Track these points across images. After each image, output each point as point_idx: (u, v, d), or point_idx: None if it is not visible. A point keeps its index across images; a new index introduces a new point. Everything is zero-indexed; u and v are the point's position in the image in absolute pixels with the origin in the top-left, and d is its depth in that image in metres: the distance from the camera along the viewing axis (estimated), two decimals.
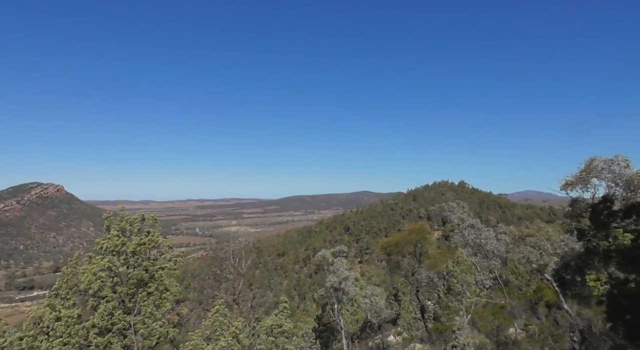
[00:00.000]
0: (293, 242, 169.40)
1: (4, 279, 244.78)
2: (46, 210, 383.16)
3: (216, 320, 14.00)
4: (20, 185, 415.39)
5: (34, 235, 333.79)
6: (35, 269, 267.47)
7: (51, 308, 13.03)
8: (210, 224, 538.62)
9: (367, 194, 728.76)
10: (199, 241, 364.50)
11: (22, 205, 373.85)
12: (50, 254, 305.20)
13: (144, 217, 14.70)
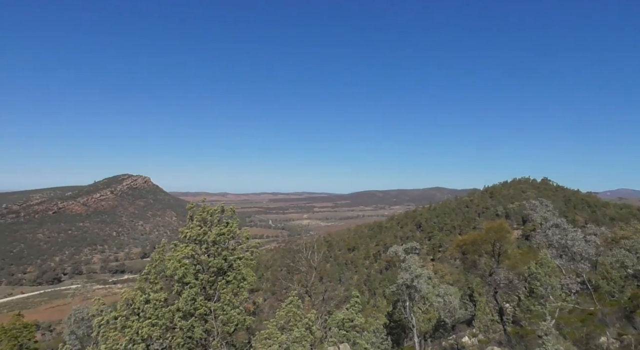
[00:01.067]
0: (363, 237, 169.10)
1: (99, 262, 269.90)
2: (135, 200, 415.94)
3: (290, 310, 14.33)
4: (114, 177, 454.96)
5: (124, 223, 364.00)
6: (125, 255, 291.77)
7: (141, 291, 14.07)
8: (282, 216, 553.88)
9: (439, 190, 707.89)
10: (271, 233, 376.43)
11: (115, 195, 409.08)
12: (138, 241, 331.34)
13: (224, 209, 15.38)
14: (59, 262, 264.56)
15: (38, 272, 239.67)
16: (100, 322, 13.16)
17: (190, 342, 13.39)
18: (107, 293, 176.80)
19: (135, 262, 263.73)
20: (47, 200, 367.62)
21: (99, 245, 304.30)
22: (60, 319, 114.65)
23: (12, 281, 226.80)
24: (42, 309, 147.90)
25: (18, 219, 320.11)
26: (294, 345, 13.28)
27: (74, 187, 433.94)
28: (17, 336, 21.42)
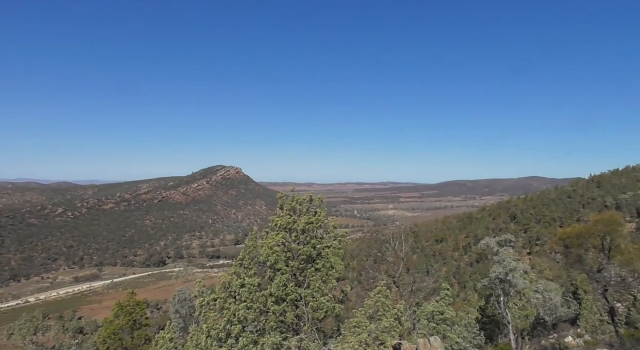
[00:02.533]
0: (452, 229, 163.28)
1: (197, 247, 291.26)
2: (228, 189, 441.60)
3: (378, 300, 14.26)
4: (209, 168, 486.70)
5: (219, 211, 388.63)
6: (220, 241, 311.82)
7: (237, 275, 14.87)
8: (367, 206, 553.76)
9: (536, 179, 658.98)
10: (356, 223, 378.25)
11: (210, 185, 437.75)
12: (231, 228, 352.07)
13: (312, 198, 15.67)
14: (163, 246, 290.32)
15: (146, 255, 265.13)
16: (201, 303, 14.16)
17: (282, 326, 13.93)
18: (205, 276, 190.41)
19: (228, 248, 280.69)
20: (153, 190, 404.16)
21: (197, 231, 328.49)
22: (165, 299, 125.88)
23: (125, 262, 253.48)
24: (150, 288, 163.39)
25: (129, 206, 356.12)
26: (383, 334, 13.21)
27: (175, 178, 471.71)
28: (131, 312, 23.85)
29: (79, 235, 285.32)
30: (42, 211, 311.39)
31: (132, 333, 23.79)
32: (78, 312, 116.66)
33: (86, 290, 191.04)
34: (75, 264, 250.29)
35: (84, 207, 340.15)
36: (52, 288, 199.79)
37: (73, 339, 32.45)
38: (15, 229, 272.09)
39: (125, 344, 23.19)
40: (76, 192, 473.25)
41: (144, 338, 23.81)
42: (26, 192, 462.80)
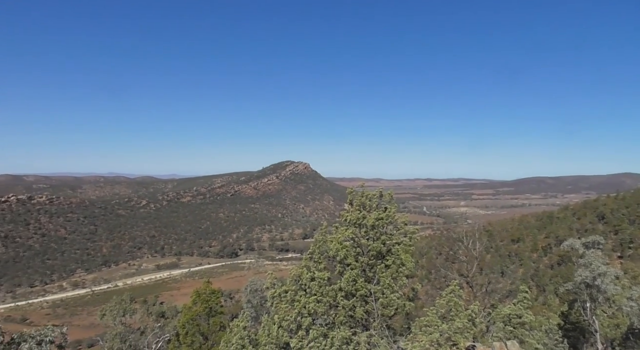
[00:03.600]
0: (530, 228, 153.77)
1: (267, 240, 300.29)
2: (297, 184, 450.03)
3: (451, 300, 13.79)
4: (279, 163, 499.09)
5: (288, 205, 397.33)
6: (289, 235, 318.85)
7: (307, 269, 15.08)
8: (437, 203, 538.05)
9: (630, 176, 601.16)
10: (426, 220, 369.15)
11: (279, 180, 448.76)
12: (300, 223, 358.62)
13: (382, 194, 15.48)
14: (235, 238, 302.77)
15: (220, 246, 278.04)
16: (273, 295, 14.55)
17: (351, 320, 13.92)
18: (275, 269, 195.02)
19: (297, 242, 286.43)
20: (226, 184, 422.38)
21: (267, 225, 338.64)
22: (237, 288, 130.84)
23: (201, 253, 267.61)
24: (224, 278, 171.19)
25: (205, 200, 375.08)
26: (456, 335, 12.75)
27: (247, 173, 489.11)
28: (207, 300, 25.05)
29: (160, 226, 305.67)
30: (129, 203, 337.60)
31: (208, 320, 25.02)
32: (159, 298, 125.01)
33: (166, 277, 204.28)
34: (157, 252, 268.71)
35: (165, 199, 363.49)
36: (137, 274, 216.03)
37: (156, 322, 34.77)
38: (107, 219, 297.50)
39: (202, 330, 24.46)
40: (158, 185, 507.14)
41: (219, 325, 24.94)
42: (115, 185, 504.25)
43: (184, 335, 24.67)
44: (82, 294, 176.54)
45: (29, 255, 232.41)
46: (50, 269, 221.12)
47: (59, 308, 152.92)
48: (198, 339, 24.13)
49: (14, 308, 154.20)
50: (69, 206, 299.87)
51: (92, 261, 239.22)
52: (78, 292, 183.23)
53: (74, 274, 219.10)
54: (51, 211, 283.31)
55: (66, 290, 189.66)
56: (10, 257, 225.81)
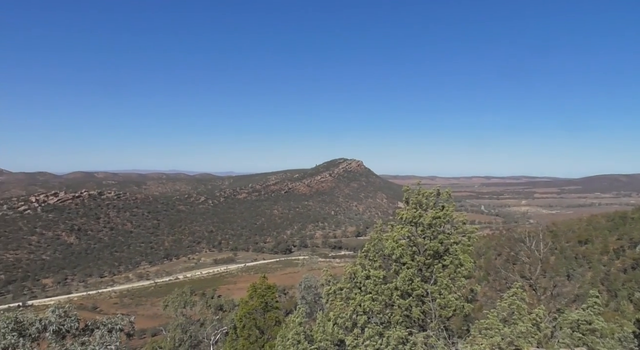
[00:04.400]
0: (600, 229, 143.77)
1: (320, 237, 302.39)
2: (350, 182, 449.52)
3: (513, 303, 13.21)
4: (332, 161, 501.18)
5: (341, 203, 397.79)
6: (342, 232, 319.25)
7: (362, 267, 15.03)
8: (496, 202, 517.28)
9: None
10: (484, 219, 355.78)
11: (332, 177, 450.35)
12: (353, 220, 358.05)
13: (439, 192, 15.09)
14: (289, 235, 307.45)
15: (274, 242, 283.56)
16: (328, 292, 14.63)
17: (407, 320, 13.71)
18: (328, 266, 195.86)
19: (350, 240, 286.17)
20: (280, 182, 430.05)
21: (320, 222, 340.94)
22: (291, 284, 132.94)
23: (256, 248, 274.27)
24: (278, 274, 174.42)
25: (260, 197, 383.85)
26: (519, 340, 12.21)
27: (300, 170, 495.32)
28: (263, 295, 25.61)
29: (218, 222, 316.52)
30: (189, 199, 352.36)
31: (264, 314, 25.59)
32: (217, 291, 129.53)
33: (223, 271, 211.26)
34: (214, 247, 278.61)
35: (222, 196, 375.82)
36: (196, 268, 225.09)
37: (214, 314, 36.08)
38: (168, 214, 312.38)
39: (258, 324, 25.05)
40: (215, 182, 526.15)
41: (275, 320, 25.44)
42: (176, 182, 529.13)
43: (241, 329, 25.39)
44: (146, 286, 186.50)
45: (99, 247, 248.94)
46: (117, 260, 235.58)
47: (125, 298, 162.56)
48: (254, 332, 24.74)
49: (86, 297, 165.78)
50: (135, 201, 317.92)
51: (155, 254, 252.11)
52: (142, 283, 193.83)
53: (138, 266, 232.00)
54: (119, 206, 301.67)
55: (132, 281, 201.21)
56: (83, 248, 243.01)
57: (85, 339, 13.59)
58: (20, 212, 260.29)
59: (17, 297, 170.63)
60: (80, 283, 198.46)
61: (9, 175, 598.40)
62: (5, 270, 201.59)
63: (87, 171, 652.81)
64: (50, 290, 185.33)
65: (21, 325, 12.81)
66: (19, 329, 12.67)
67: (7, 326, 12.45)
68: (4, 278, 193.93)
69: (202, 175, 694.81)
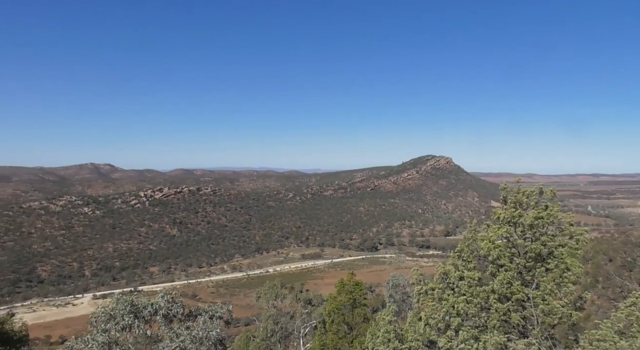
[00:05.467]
0: None
1: (407, 236, 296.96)
2: (438, 179, 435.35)
3: (631, 313, 11.88)
4: (419, 158, 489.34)
5: (428, 201, 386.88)
6: (430, 231, 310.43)
7: (455, 267, 14.48)
8: (606, 202, 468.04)
9: None
10: (591, 221, 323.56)
11: (420, 174, 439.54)
12: (441, 219, 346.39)
13: (542, 191, 14.06)
14: (375, 232, 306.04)
15: (360, 239, 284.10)
16: (419, 291, 14.32)
17: (506, 325, 12.96)
18: (415, 265, 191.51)
19: (438, 239, 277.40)
20: (366, 179, 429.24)
21: (407, 220, 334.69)
22: (378, 282, 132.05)
23: (342, 245, 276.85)
24: (364, 271, 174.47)
25: (345, 194, 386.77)
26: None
27: (386, 168, 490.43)
28: (351, 291, 25.80)
29: (305, 218, 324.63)
30: (277, 195, 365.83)
31: (352, 310, 25.78)
32: (305, 286, 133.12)
33: (311, 267, 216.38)
34: (302, 243, 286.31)
35: (309, 193, 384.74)
36: (285, 262, 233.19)
37: (304, 308, 37.08)
38: (259, 210, 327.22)
39: (347, 320, 25.31)
40: (303, 179, 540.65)
41: (363, 316, 25.51)
42: (266, 179, 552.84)
43: (329, 323, 25.84)
44: (239, 277, 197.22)
45: (197, 239, 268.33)
46: (214, 252, 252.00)
47: (221, 288, 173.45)
48: (343, 328, 25.03)
49: (187, 285, 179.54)
50: (229, 197, 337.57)
51: (247, 247, 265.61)
52: (236, 274, 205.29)
53: (232, 259, 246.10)
54: (214, 201, 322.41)
55: (226, 272, 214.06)
56: (184, 240, 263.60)
57: (190, 324, 14.73)
58: (131, 205, 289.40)
59: (129, 283, 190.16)
60: (182, 272, 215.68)
61: (123, 172, 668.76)
62: (119, 258, 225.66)
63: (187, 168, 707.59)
64: (157, 278, 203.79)
65: (136, 308, 14.27)
66: (134, 311, 14.12)
67: (125, 308, 13.94)
68: (119, 265, 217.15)
69: (290, 172, 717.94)
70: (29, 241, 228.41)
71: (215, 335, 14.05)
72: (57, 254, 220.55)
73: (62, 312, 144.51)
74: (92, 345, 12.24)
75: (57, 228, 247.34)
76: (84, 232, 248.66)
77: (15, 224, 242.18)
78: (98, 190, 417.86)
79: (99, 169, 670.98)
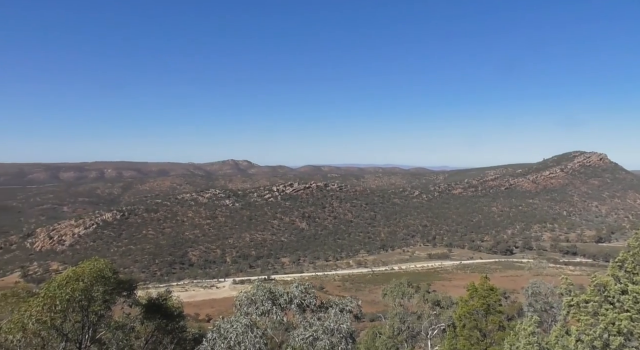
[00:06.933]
0: None
1: (549, 240, 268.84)
2: (588, 179, 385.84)
3: None
4: (564, 154, 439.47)
5: (576, 202, 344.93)
6: (577, 236, 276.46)
7: (615, 279, 12.62)
8: None
9: None
10: None
11: (565, 173, 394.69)
12: (592, 223, 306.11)
13: None
14: (510, 235, 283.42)
15: (493, 242, 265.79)
16: (569, 303, 12.77)
17: None
18: (558, 273, 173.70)
19: (587, 246, 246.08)
20: (500, 177, 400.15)
21: (548, 223, 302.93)
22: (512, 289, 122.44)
23: (472, 247, 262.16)
24: (497, 276, 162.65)
25: (476, 192, 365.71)
26: None
27: (524, 165, 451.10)
28: (485, 296, 24.24)
29: (432, 217, 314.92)
30: (403, 193, 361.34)
31: (486, 316, 24.19)
32: (431, 286, 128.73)
33: (438, 267, 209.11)
34: (428, 242, 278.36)
35: (436, 191, 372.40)
36: (410, 261, 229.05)
37: (431, 309, 35.96)
38: (384, 207, 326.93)
39: (479, 326, 23.83)
40: (429, 177, 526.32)
41: (498, 324, 23.78)
42: (391, 176, 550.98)
43: (460, 328, 24.61)
44: (364, 273, 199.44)
45: (324, 233, 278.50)
46: (340, 247, 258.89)
47: (347, 282, 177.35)
48: (475, 334, 23.63)
49: (314, 277, 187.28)
50: (354, 193, 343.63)
51: (372, 244, 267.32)
52: (361, 270, 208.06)
53: (358, 254, 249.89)
54: (341, 197, 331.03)
55: (352, 267, 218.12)
56: (312, 234, 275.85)
57: (321, 315, 15.26)
58: (265, 199, 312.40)
59: (263, 271, 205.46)
60: (309, 264, 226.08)
61: (258, 168, 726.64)
62: (255, 247, 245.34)
63: (316, 165, 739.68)
64: (287, 268, 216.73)
65: (273, 295, 15.29)
66: (272, 298, 15.15)
67: (264, 295, 15.02)
68: (255, 254, 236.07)
69: (417, 169, 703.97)
70: (182, 228, 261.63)
71: (345, 328, 14.32)
72: (204, 240, 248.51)
73: (208, 293, 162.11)
74: (237, 325, 13.43)
75: (204, 217, 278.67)
76: (226, 222, 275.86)
77: (172, 213, 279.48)
78: (237, 184, 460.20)
79: (239, 165, 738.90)
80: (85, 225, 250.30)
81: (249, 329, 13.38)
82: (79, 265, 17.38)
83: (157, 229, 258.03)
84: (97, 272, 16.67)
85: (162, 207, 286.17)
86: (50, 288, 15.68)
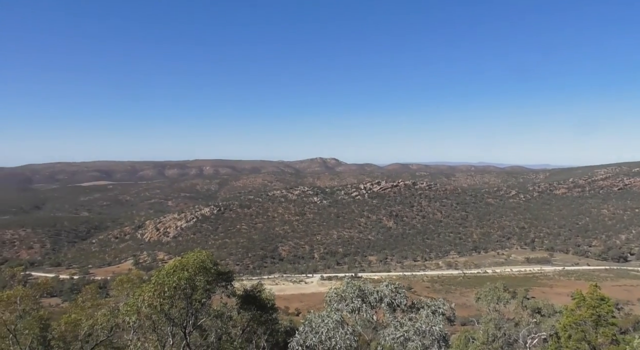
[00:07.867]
0: None
1: None
2: None
3: None
4: None
5: None
6: None
7: None
8: None
9: None
10: None
11: None
12: None
13: None
14: (624, 240, 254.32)
15: (603, 247, 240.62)
16: None
17: None
18: None
19: None
20: (612, 176, 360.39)
21: None
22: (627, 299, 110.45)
23: (578, 252, 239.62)
24: (607, 284, 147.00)
25: (583, 193, 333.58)
26: None
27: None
28: (595, 306, 22.04)
29: (530, 218, 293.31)
30: (498, 192, 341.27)
31: (596, 328, 21.94)
32: (529, 292, 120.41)
33: (537, 272, 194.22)
34: (526, 245, 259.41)
35: (535, 191, 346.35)
36: (506, 264, 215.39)
37: (531, 317, 33.54)
38: (476, 207, 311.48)
39: (588, 338, 21.66)
40: (528, 176, 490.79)
41: (611, 337, 21.45)
42: (485, 174, 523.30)
43: (565, 339, 22.59)
44: (455, 275, 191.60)
45: (412, 233, 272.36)
46: (428, 247, 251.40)
47: (436, 283, 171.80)
48: (583, 346, 21.54)
49: (402, 276, 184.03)
50: (444, 192, 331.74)
51: (463, 245, 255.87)
52: (451, 272, 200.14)
53: (447, 255, 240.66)
54: (429, 196, 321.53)
55: (441, 268, 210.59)
56: (399, 233, 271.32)
57: (413, 316, 14.90)
58: (352, 197, 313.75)
59: (350, 269, 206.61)
60: (397, 263, 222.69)
61: (346, 166, 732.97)
62: (342, 245, 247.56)
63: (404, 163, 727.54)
64: (374, 267, 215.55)
65: (363, 293, 15.25)
66: (361, 296, 15.12)
67: (354, 292, 15.05)
68: (342, 251, 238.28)
69: (513, 168, 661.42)
70: (272, 224, 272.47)
71: (438, 330, 13.83)
72: (293, 236, 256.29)
73: (297, 288, 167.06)
74: (328, 321, 13.63)
75: (293, 214, 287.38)
76: (314, 219, 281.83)
77: (263, 209, 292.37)
78: (325, 182, 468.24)
79: (326, 163, 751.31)
80: (186, 219, 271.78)
81: (339, 325, 13.49)
82: (184, 256, 18.91)
83: (250, 224, 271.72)
84: (200, 263, 18.00)
85: (254, 203, 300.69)
86: (159, 276, 17.24)
